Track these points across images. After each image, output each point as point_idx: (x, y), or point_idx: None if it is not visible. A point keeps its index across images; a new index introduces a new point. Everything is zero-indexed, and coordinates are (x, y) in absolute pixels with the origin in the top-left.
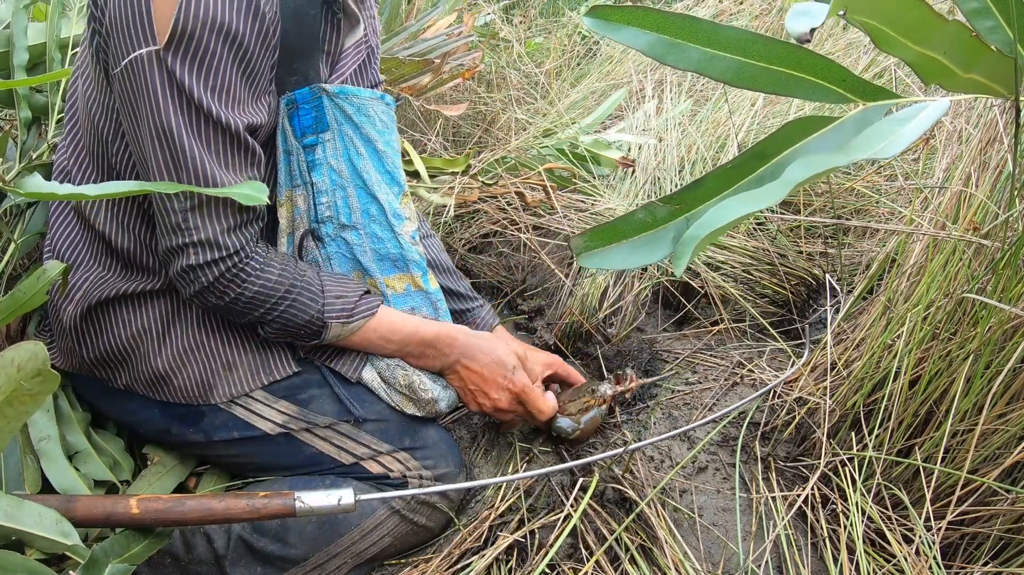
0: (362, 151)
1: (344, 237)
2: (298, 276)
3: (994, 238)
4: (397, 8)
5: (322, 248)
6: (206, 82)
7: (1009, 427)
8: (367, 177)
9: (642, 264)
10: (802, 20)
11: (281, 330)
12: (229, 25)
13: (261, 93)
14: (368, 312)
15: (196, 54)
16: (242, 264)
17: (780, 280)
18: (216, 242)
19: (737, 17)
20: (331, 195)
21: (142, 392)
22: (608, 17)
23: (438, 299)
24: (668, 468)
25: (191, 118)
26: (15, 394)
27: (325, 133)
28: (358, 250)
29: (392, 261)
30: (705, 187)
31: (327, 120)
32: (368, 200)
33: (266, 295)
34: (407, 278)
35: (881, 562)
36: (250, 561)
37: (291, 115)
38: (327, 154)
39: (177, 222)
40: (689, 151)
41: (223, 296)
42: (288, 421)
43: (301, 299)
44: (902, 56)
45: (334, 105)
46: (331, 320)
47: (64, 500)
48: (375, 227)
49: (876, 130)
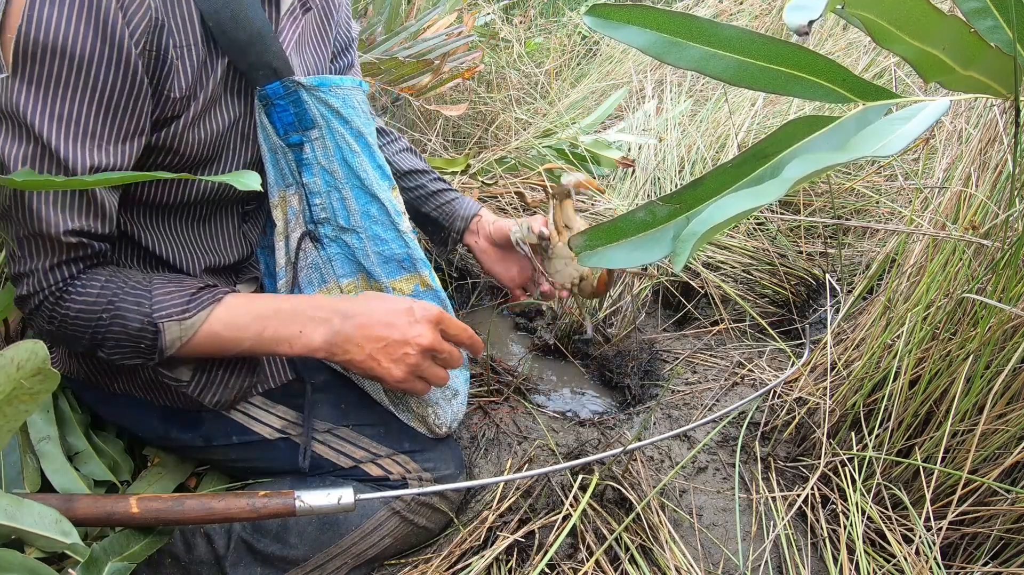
0: (355, 147)
1: (344, 239)
2: (122, 283)
3: (994, 238)
4: (397, 8)
5: (322, 250)
6: (43, 110)
7: (1009, 427)
8: (364, 176)
9: (642, 263)
10: (800, 13)
11: (117, 348)
12: (73, 49)
13: (133, 135)
14: (210, 300)
15: (38, 78)
16: (65, 286)
17: (780, 280)
18: (41, 273)
19: (737, 17)
20: (325, 197)
21: (140, 395)
22: (608, 16)
23: (446, 299)
24: (668, 468)
25: (27, 147)
26: (15, 393)
27: (311, 131)
28: (360, 253)
29: (398, 262)
30: (705, 186)
31: (310, 116)
32: (367, 200)
33: (89, 311)
34: (415, 278)
35: (881, 562)
36: (250, 561)
37: (268, 111)
38: (317, 154)
39: (12, 251)
40: (689, 151)
41: (51, 320)
42: (287, 426)
43: (125, 305)
44: (901, 52)
45: (316, 100)
46: (163, 321)
47: (64, 499)
48: (377, 228)
49: (876, 129)
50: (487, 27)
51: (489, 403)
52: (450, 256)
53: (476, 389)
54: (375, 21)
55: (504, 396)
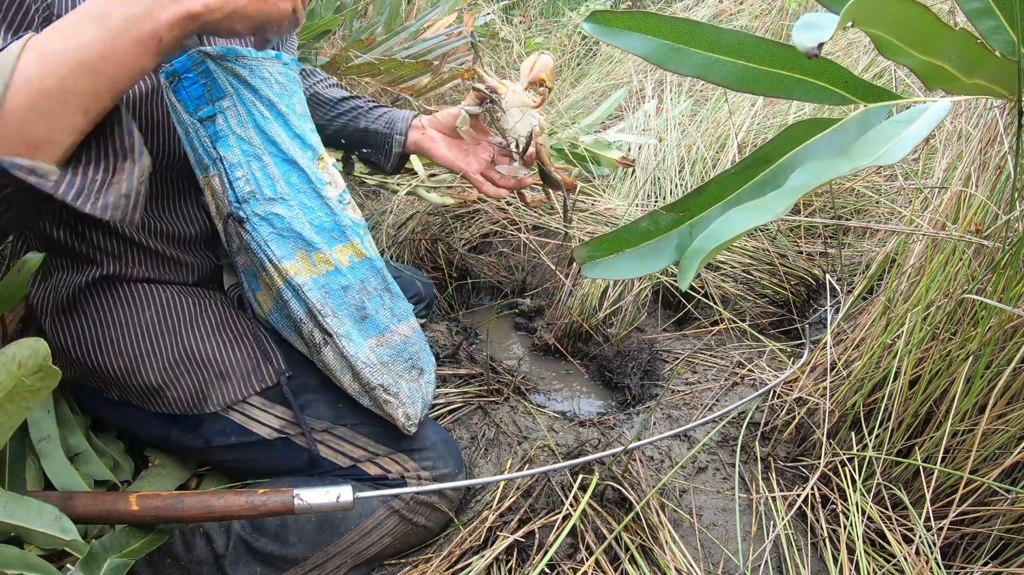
0: (267, 114)
1: (274, 212)
2: None
3: (994, 238)
4: (397, 8)
5: (253, 231)
6: None
7: (1009, 427)
8: (280, 142)
9: (646, 273)
10: (810, 33)
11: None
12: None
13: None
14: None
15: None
16: None
17: (780, 280)
18: None
19: (737, 17)
20: (246, 167)
21: (136, 403)
22: (608, 23)
23: (383, 267)
24: (668, 468)
25: None
26: (16, 390)
27: (222, 100)
28: (295, 222)
29: (328, 231)
30: (708, 193)
31: (220, 86)
32: (288, 168)
33: None
34: (348, 248)
35: (881, 562)
36: (250, 561)
37: (175, 89)
38: (230, 123)
39: None
40: (689, 151)
41: None
42: (285, 426)
43: None
44: (906, 64)
45: (222, 69)
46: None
47: (64, 497)
48: (302, 197)
49: (878, 134)
50: (487, 27)
51: (489, 403)
52: (396, 171)
53: (476, 389)
54: (375, 21)
55: (504, 396)
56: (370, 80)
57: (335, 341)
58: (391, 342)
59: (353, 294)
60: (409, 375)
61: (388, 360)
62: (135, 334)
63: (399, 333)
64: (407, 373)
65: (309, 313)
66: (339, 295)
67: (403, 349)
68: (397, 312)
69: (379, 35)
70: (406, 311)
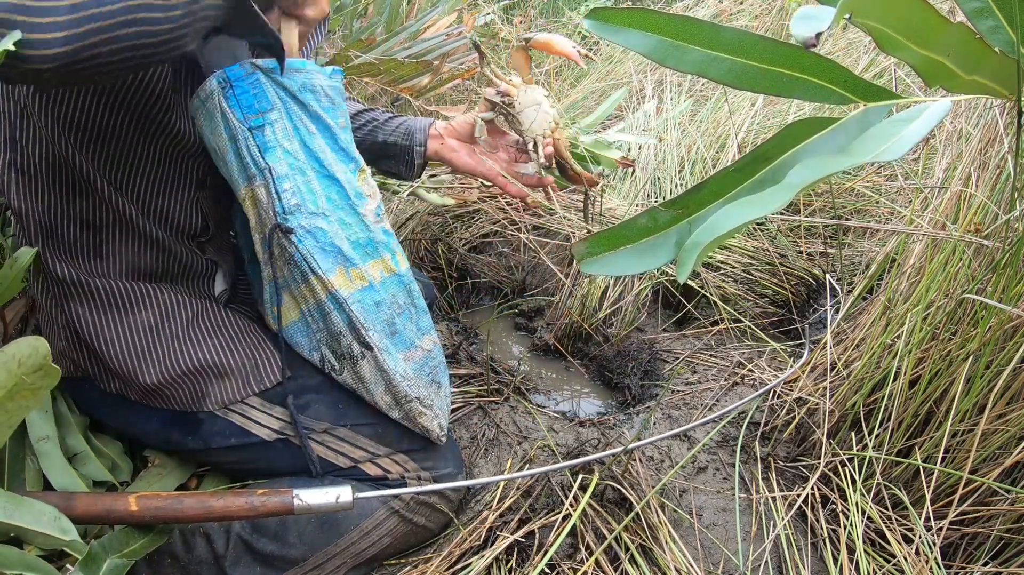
0: (312, 129)
1: (318, 226)
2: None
3: (994, 238)
4: (397, 8)
5: (299, 242)
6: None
7: (1009, 427)
8: (323, 158)
9: (645, 269)
10: (808, 24)
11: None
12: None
13: None
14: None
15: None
16: None
17: (780, 280)
18: None
19: (737, 17)
20: (293, 180)
21: (136, 398)
22: (608, 19)
23: (410, 280)
24: (668, 468)
25: None
26: (16, 389)
27: (271, 112)
28: (336, 238)
29: (363, 247)
30: (707, 190)
31: (268, 98)
32: (328, 184)
33: None
34: (379, 263)
35: (881, 562)
36: (249, 561)
37: (226, 95)
38: (277, 135)
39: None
40: (689, 151)
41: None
42: (285, 427)
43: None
44: (905, 59)
45: (272, 82)
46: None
47: (63, 497)
48: (340, 213)
49: (878, 132)
50: (487, 27)
51: (489, 403)
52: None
53: (476, 388)
54: (375, 21)
55: (504, 396)
56: (370, 80)
57: (375, 354)
58: (415, 357)
59: (385, 309)
60: (430, 388)
61: (413, 375)
62: (135, 334)
63: (423, 347)
64: (429, 387)
65: (351, 325)
66: (373, 311)
67: (425, 363)
68: (421, 327)
69: (379, 35)
70: (428, 325)
